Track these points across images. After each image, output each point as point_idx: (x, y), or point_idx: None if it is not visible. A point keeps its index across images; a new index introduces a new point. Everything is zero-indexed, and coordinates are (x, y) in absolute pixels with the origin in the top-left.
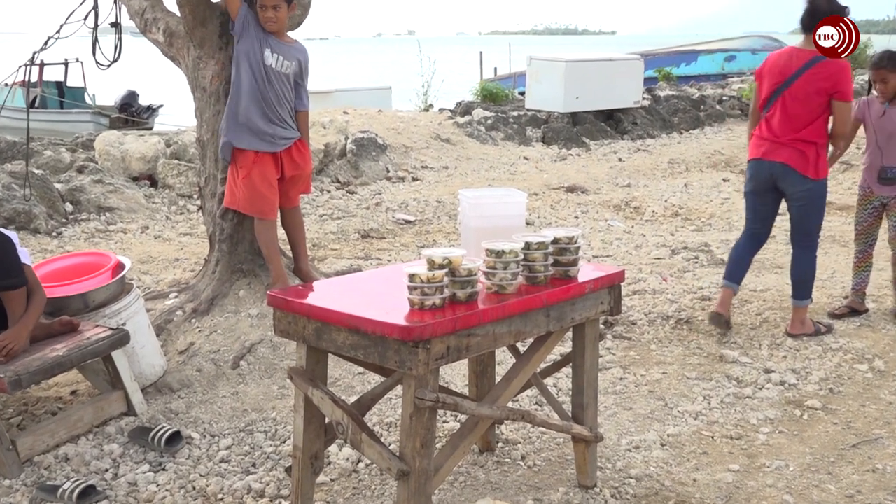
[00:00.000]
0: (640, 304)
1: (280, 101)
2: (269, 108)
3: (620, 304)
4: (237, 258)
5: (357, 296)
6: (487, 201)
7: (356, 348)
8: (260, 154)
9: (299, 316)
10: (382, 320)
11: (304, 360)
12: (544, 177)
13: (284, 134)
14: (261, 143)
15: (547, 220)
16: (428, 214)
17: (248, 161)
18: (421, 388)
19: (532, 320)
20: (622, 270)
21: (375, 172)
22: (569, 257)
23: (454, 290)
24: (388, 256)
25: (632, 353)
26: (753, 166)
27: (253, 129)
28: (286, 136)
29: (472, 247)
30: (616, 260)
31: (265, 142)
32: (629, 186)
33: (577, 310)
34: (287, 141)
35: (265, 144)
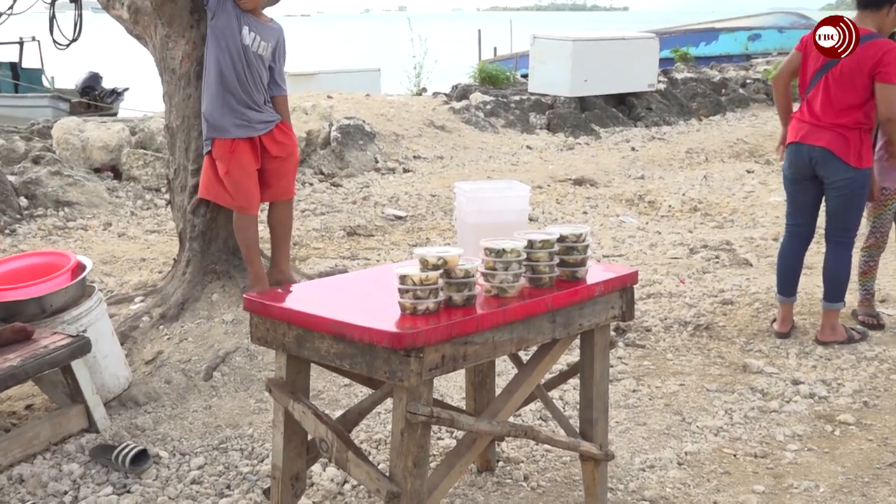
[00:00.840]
0: (655, 308)
1: (257, 85)
2: (246, 92)
3: (633, 308)
4: (210, 258)
5: (343, 299)
6: (486, 195)
7: (341, 357)
8: (237, 142)
9: (279, 322)
10: (370, 326)
11: (284, 371)
12: (549, 168)
13: (262, 118)
14: (236, 129)
15: (552, 215)
16: (421, 209)
17: (226, 151)
18: (413, 402)
19: (536, 326)
20: (635, 271)
21: (363, 163)
22: (576, 257)
23: (450, 294)
24: (376, 256)
25: (646, 362)
26: (792, 151)
27: (228, 114)
28: (264, 119)
29: (470, 245)
30: (628, 260)
31: (241, 126)
32: (643, 179)
33: (585, 315)
34: (266, 125)
35: (241, 130)
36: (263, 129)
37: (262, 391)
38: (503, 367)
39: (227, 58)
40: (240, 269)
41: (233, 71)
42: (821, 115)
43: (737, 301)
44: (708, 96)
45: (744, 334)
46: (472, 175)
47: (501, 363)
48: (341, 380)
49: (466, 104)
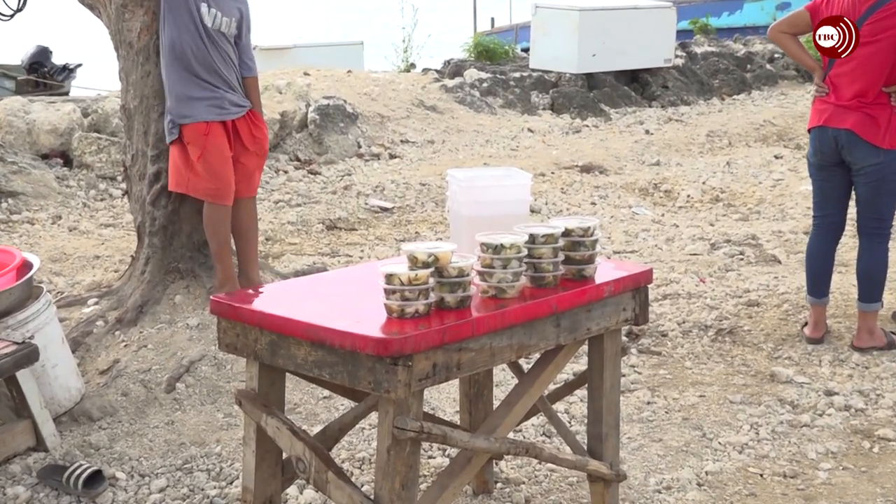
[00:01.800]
0: (673, 310)
1: (226, 63)
2: (215, 73)
3: (647, 311)
4: (172, 255)
5: (322, 301)
6: (483, 184)
7: (321, 366)
8: (210, 125)
9: (250, 326)
10: (353, 331)
11: (256, 382)
12: (553, 153)
13: (235, 100)
14: (208, 111)
15: (557, 206)
16: (409, 200)
17: (200, 134)
18: (401, 416)
19: (538, 331)
20: (650, 269)
21: (344, 148)
22: (584, 253)
23: (442, 294)
24: (359, 252)
25: (662, 371)
26: (816, 136)
27: (197, 97)
28: (238, 102)
29: (464, 240)
30: (642, 256)
31: (213, 108)
32: (658, 165)
33: (593, 318)
34: (239, 109)
35: (214, 112)
36: (238, 112)
37: (232, 404)
38: (502, 377)
39: (188, 38)
40: (206, 267)
41: (196, 52)
42: (845, 95)
43: (763, 302)
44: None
45: (771, 340)
46: (467, 161)
47: (500, 372)
48: (320, 391)
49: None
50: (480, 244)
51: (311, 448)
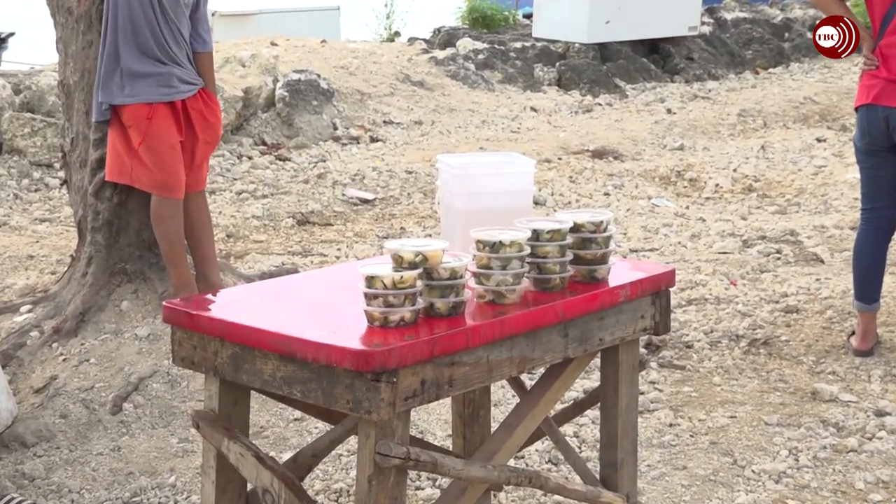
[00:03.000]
0: (699, 318)
1: (177, 38)
2: (162, 47)
3: (669, 318)
4: (119, 254)
5: (292, 308)
6: (479, 172)
7: (291, 383)
8: (155, 107)
9: (209, 337)
10: (328, 343)
11: (217, 401)
12: (560, 136)
13: (185, 76)
14: (154, 90)
15: (564, 198)
16: (393, 191)
17: (142, 117)
18: (384, 440)
19: (543, 342)
20: (672, 270)
21: (317, 130)
22: (595, 252)
23: (431, 300)
24: (335, 251)
25: (686, 388)
26: (864, 115)
27: (140, 74)
28: (188, 79)
29: (457, 237)
30: (663, 255)
31: (160, 87)
32: (682, 150)
33: (607, 327)
34: (190, 87)
35: (160, 92)
36: (188, 91)
37: (188, 428)
38: (501, 395)
39: (137, 5)
40: (158, 268)
41: (145, 21)
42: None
43: (804, 309)
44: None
45: (813, 352)
46: (461, 146)
47: (499, 390)
48: (291, 412)
49: (452, 53)
50: (476, 241)
51: (280, 478)
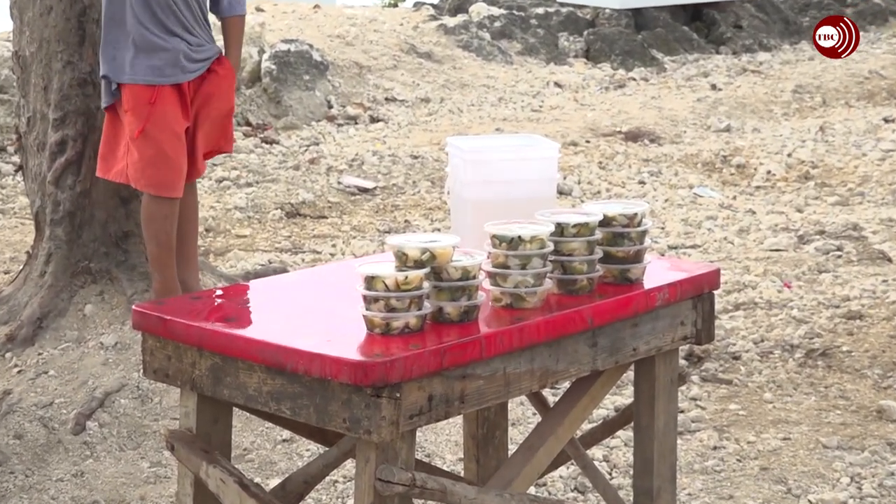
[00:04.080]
0: (747, 325)
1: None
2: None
3: (713, 325)
4: (82, 250)
5: (280, 312)
6: (495, 157)
7: (279, 399)
8: (160, 89)
9: (185, 346)
10: (322, 353)
11: (194, 419)
12: (589, 116)
13: (194, 53)
14: (159, 70)
15: (593, 186)
16: (396, 178)
17: (143, 101)
18: (386, 465)
19: (568, 352)
20: (716, 270)
21: (309, 109)
22: (628, 248)
23: (440, 303)
24: (330, 248)
25: (733, 405)
26: None
27: (143, 47)
28: (198, 56)
29: (470, 232)
30: (707, 253)
31: (166, 67)
32: (729, 131)
33: (641, 335)
34: (201, 64)
35: (167, 72)
36: (196, 70)
37: (161, 450)
38: (520, 414)
39: None
40: (127, 267)
41: None
42: None
43: (868, 315)
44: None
45: (878, 364)
46: (474, 127)
47: (517, 407)
48: (279, 432)
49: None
50: (491, 237)
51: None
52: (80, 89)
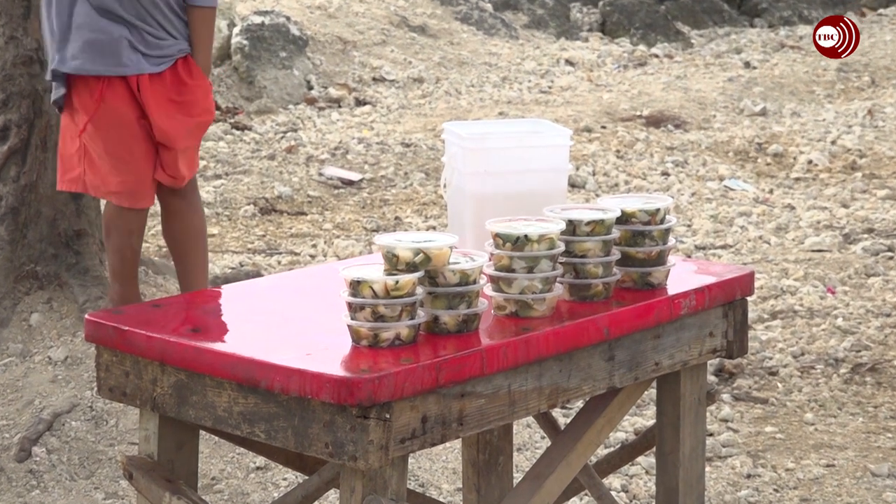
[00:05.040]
0: (785, 336)
1: None
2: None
3: (747, 336)
4: (26, 252)
5: (254, 322)
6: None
7: (252, 420)
8: (109, 81)
9: (146, 360)
10: (301, 368)
11: (156, 444)
12: (605, 98)
13: (140, 44)
14: (106, 59)
15: (610, 178)
16: (385, 169)
17: (92, 98)
18: (374, 495)
19: (581, 368)
20: (750, 273)
21: (286, 90)
22: (650, 249)
23: (435, 312)
24: (310, 248)
25: (769, 427)
26: None
27: (87, 28)
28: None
29: (470, 230)
30: (739, 254)
31: (107, 55)
32: (764, 115)
33: (664, 347)
34: (163, 60)
35: (115, 61)
36: (156, 65)
37: (118, 478)
38: (526, 438)
39: None
40: (78, 271)
41: None
42: None
43: None
44: None
45: None
46: (474, 111)
47: (524, 430)
48: (252, 459)
49: None
50: (493, 236)
51: None
52: (24, 68)
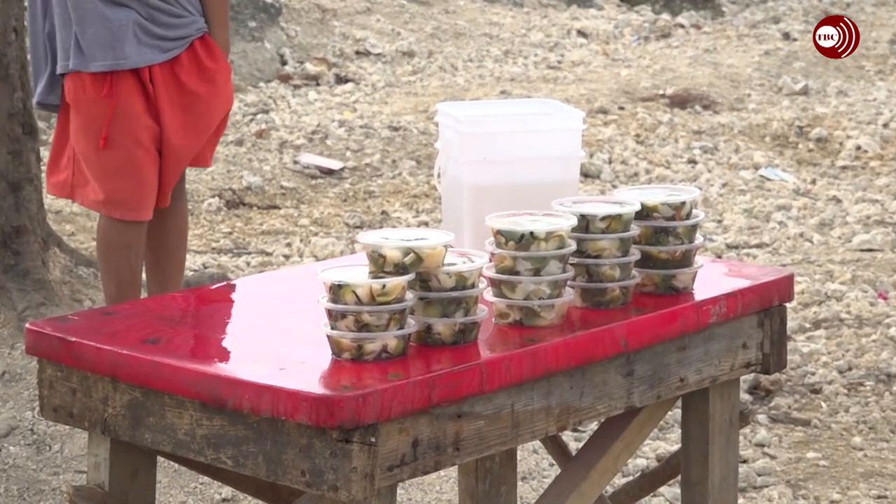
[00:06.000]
0: (830, 348)
1: None
2: None
3: (785, 349)
4: None
5: (219, 332)
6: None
7: (218, 445)
8: (118, 76)
9: (96, 376)
10: (274, 385)
11: (107, 472)
12: (623, 74)
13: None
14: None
15: (629, 167)
16: (371, 156)
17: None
18: None
19: (595, 384)
20: (789, 276)
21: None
22: (674, 248)
23: (428, 320)
24: (283, 248)
25: (812, 453)
26: None
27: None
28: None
29: (467, 226)
30: (777, 254)
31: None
32: (806, 94)
33: (690, 361)
34: (178, 43)
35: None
36: (174, 48)
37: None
38: (533, 464)
39: None
40: (17, 273)
41: None
42: None
43: None
44: None
45: None
46: (472, 89)
47: (529, 456)
48: (217, 489)
49: None
50: (495, 233)
51: None
52: None
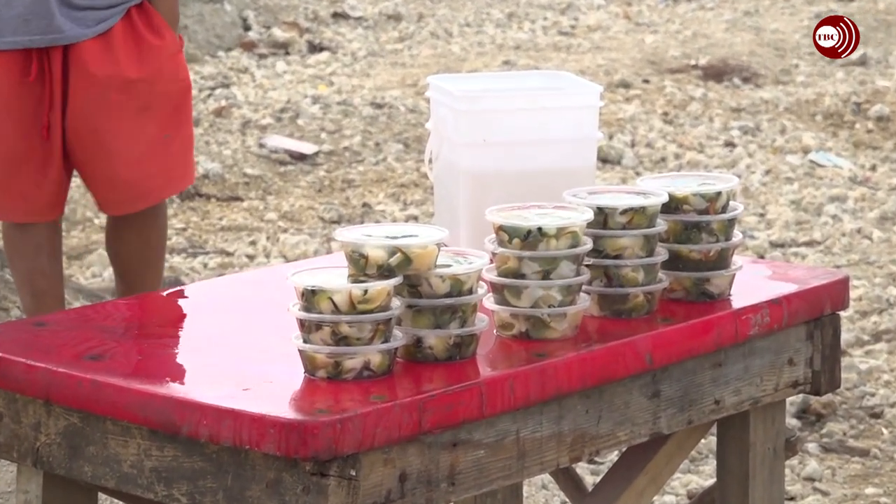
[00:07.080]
0: (893, 365)
1: None
2: None
3: (839, 366)
4: None
5: (172, 346)
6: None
7: (170, 479)
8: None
9: (27, 399)
10: (235, 408)
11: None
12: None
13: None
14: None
15: (654, 151)
16: (350, 138)
17: None
18: None
19: (616, 407)
20: (844, 279)
21: (215, 32)
22: (707, 247)
23: (418, 332)
24: (247, 246)
25: (871, 488)
26: None
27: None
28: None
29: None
30: (830, 254)
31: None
32: (863, 65)
33: (727, 380)
34: (109, 14)
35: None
36: (100, 23)
37: None
38: (542, 501)
39: None
40: None
41: None
42: None
43: None
44: None
45: None
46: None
47: (538, 492)
48: None
49: None
50: (497, 229)
51: None
52: None
